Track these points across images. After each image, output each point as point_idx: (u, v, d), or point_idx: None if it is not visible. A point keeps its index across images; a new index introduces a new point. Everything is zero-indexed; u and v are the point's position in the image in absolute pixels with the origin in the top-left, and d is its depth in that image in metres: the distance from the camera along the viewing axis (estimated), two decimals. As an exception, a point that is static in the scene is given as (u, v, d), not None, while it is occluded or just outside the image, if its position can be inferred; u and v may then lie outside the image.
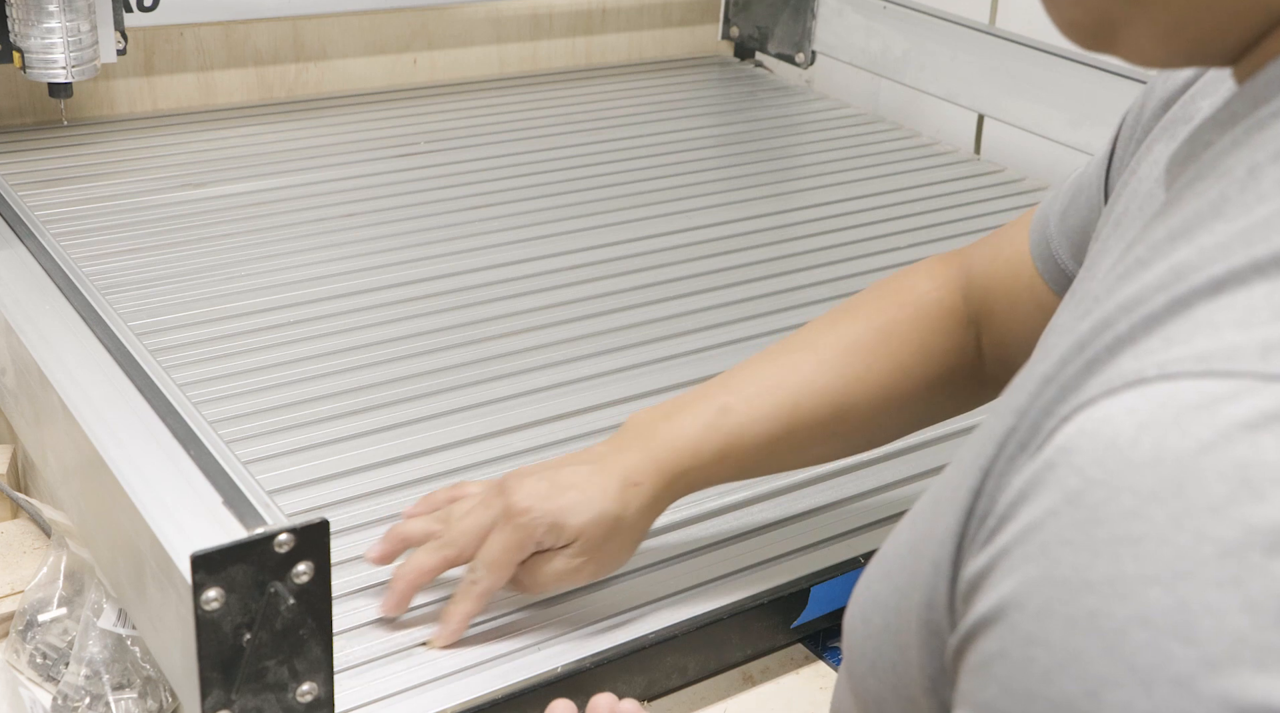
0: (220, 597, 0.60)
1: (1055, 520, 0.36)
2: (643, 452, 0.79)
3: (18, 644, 0.86)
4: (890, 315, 0.83)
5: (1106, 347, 0.39)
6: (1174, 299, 0.38)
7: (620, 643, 0.80)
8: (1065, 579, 0.36)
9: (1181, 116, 0.62)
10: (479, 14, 1.74)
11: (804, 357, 0.82)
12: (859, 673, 0.51)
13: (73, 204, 1.32)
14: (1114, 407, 0.37)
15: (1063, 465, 0.37)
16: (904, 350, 0.82)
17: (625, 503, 0.77)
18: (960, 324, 0.84)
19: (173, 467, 0.73)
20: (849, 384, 0.81)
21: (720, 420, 0.80)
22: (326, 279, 1.22)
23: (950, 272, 0.85)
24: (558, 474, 0.78)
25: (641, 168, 1.52)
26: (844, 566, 0.88)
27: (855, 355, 0.82)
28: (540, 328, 1.16)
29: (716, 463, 0.80)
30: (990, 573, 0.39)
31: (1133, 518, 0.35)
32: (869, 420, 0.83)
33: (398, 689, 0.76)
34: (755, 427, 0.80)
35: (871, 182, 1.53)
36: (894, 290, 0.86)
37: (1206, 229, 0.40)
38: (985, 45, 1.57)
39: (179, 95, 1.57)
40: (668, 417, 0.81)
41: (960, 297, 0.84)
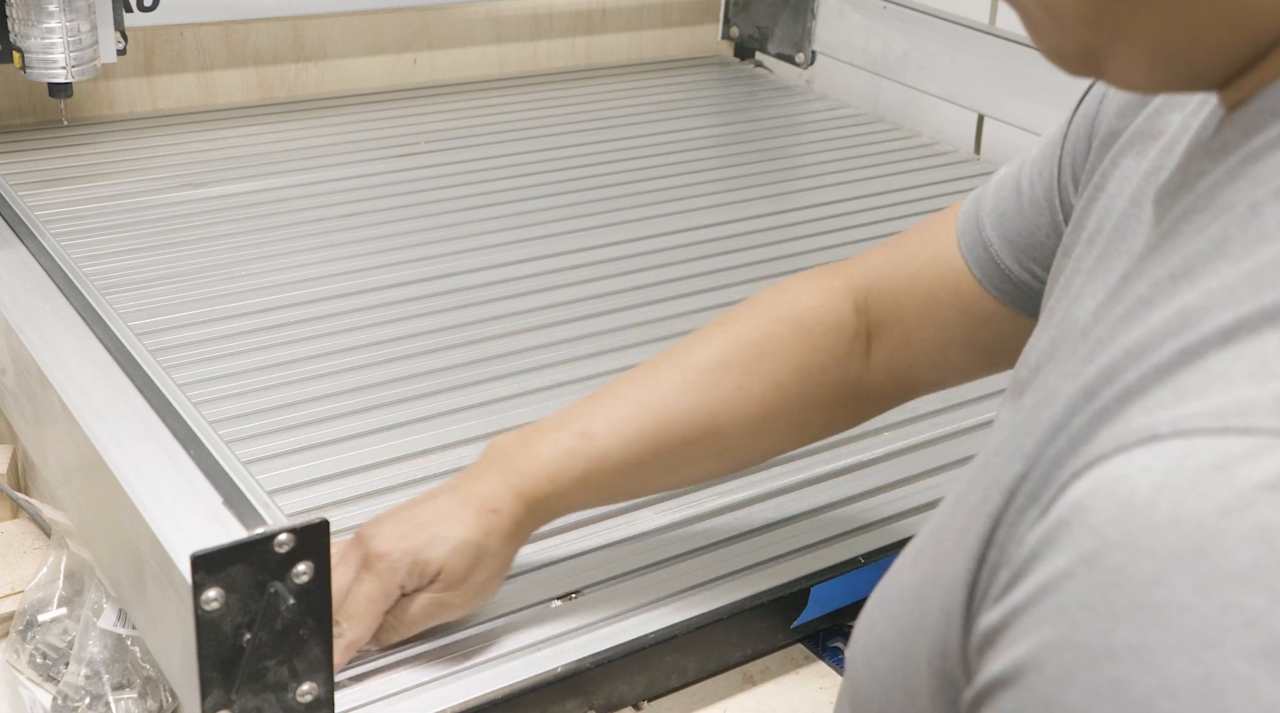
0: (220, 597, 0.60)
1: (1071, 582, 0.36)
2: (500, 479, 0.77)
3: (18, 644, 0.86)
4: (766, 331, 0.81)
5: (1116, 397, 0.38)
6: (1184, 349, 0.37)
7: (620, 643, 0.80)
8: (1086, 645, 0.35)
9: (1148, 130, 0.60)
10: (479, 14, 1.74)
11: (671, 377, 0.80)
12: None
13: (73, 204, 1.32)
14: (1128, 464, 0.36)
15: (1077, 525, 0.36)
16: (780, 367, 0.80)
17: (486, 531, 0.76)
18: (845, 338, 0.81)
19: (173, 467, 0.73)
20: (718, 405, 0.79)
21: (580, 446, 0.78)
22: (326, 279, 1.22)
23: (836, 282, 0.82)
24: (413, 513, 0.77)
25: (641, 168, 1.52)
26: (844, 566, 0.87)
27: (726, 374, 0.79)
28: (540, 328, 1.16)
29: (578, 489, 0.78)
30: (1005, 630, 0.38)
31: (1154, 584, 0.34)
32: (742, 441, 0.81)
33: (398, 689, 0.76)
34: (618, 451, 0.78)
35: (871, 182, 1.53)
36: (772, 304, 0.83)
37: (1210, 270, 0.39)
38: (985, 45, 1.57)
39: (179, 95, 1.57)
40: (526, 444, 0.79)
41: (849, 308, 0.81)
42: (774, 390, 0.80)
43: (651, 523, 0.91)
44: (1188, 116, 0.57)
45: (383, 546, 0.75)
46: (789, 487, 0.96)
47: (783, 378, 0.80)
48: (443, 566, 0.75)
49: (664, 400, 0.79)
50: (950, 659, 0.43)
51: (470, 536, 0.75)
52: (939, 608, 0.44)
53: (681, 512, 0.92)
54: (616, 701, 0.80)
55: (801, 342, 0.80)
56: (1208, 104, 0.53)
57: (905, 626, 0.47)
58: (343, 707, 0.73)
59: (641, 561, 0.87)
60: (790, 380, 0.80)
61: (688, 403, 0.79)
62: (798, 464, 0.97)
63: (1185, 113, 0.57)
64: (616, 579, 0.86)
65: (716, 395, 0.79)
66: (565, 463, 0.78)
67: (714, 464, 0.83)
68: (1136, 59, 0.43)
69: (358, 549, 0.76)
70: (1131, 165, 0.60)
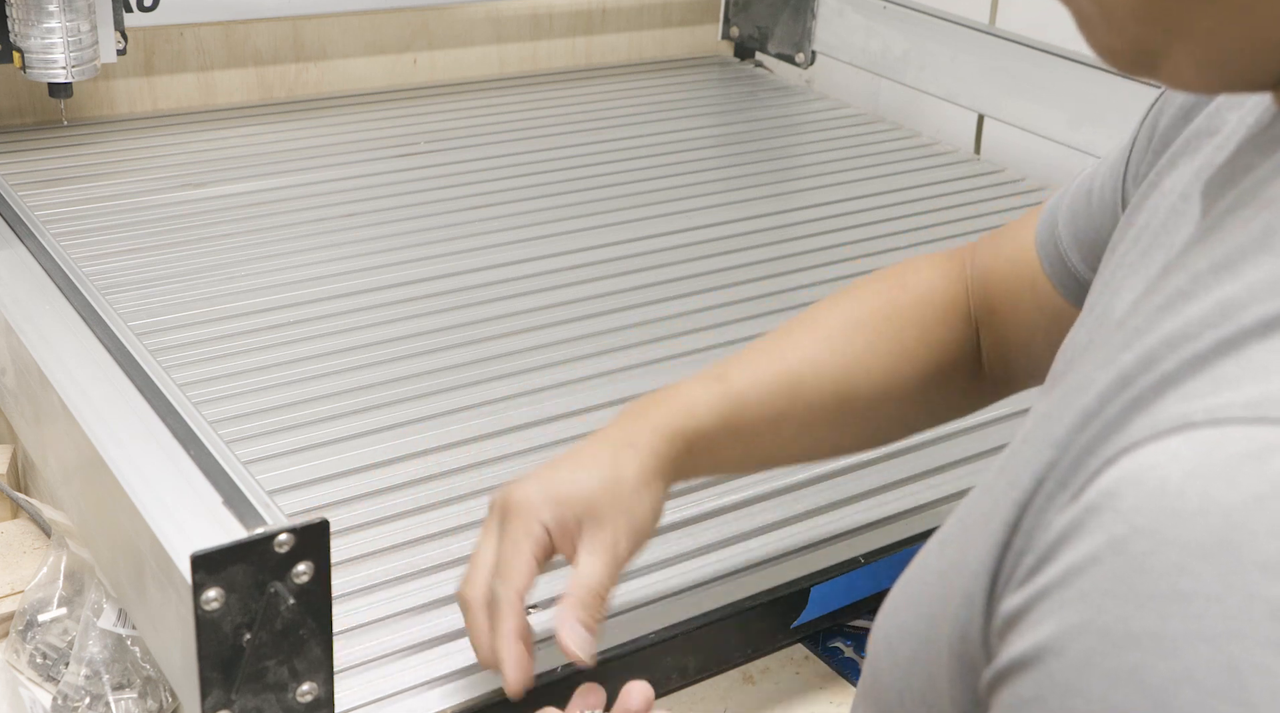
0: (220, 597, 0.60)
1: (1098, 567, 0.36)
2: (638, 419, 0.75)
3: (18, 644, 0.86)
4: (894, 299, 0.82)
5: (1152, 386, 0.38)
6: (1223, 339, 0.37)
7: (620, 643, 0.80)
8: (1108, 630, 0.35)
9: (1205, 129, 0.60)
10: (479, 14, 1.73)
11: (805, 334, 0.80)
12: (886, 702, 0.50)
13: (73, 204, 1.32)
14: (1161, 452, 0.36)
15: (1107, 510, 0.36)
16: (907, 334, 0.80)
17: (620, 465, 0.72)
18: (962, 318, 0.82)
19: (173, 467, 0.73)
20: (851, 363, 0.79)
21: (717, 387, 0.77)
22: (326, 279, 1.22)
23: (954, 265, 0.84)
24: (548, 464, 0.74)
25: (641, 168, 1.52)
26: (844, 566, 0.88)
27: (858, 334, 0.80)
28: (540, 328, 1.16)
29: (720, 430, 0.76)
30: (1028, 612, 0.38)
31: (1180, 573, 0.34)
32: (873, 406, 0.80)
33: (398, 689, 0.76)
34: (756, 396, 0.77)
35: (871, 182, 1.53)
36: (898, 276, 0.84)
37: (1252, 263, 0.39)
38: (985, 45, 1.57)
39: (179, 95, 1.57)
40: (662, 390, 0.77)
41: (963, 291, 0.83)
42: (902, 356, 0.80)
43: (651, 523, 0.91)
44: (1244, 114, 0.56)
45: (519, 494, 0.71)
46: (789, 487, 0.96)
47: (909, 344, 0.80)
48: (586, 507, 0.70)
49: (800, 354, 0.79)
50: (971, 643, 0.43)
51: (604, 473, 0.71)
52: (961, 593, 0.44)
53: (681, 512, 0.92)
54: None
55: (925, 313, 0.81)
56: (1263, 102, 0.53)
57: (928, 611, 0.47)
58: (343, 707, 0.73)
59: (641, 560, 0.87)
60: (916, 348, 0.80)
61: (822, 359, 0.78)
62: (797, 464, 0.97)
63: (1243, 111, 0.57)
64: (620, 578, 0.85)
65: (849, 352, 0.79)
66: (705, 399, 0.76)
67: (847, 430, 0.81)
68: (1191, 58, 0.42)
69: (496, 514, 0.72)
70: (1186, 164, 0.60)
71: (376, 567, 0.85)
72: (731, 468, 0.81)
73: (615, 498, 0.71)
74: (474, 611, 0.70)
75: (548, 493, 0.71)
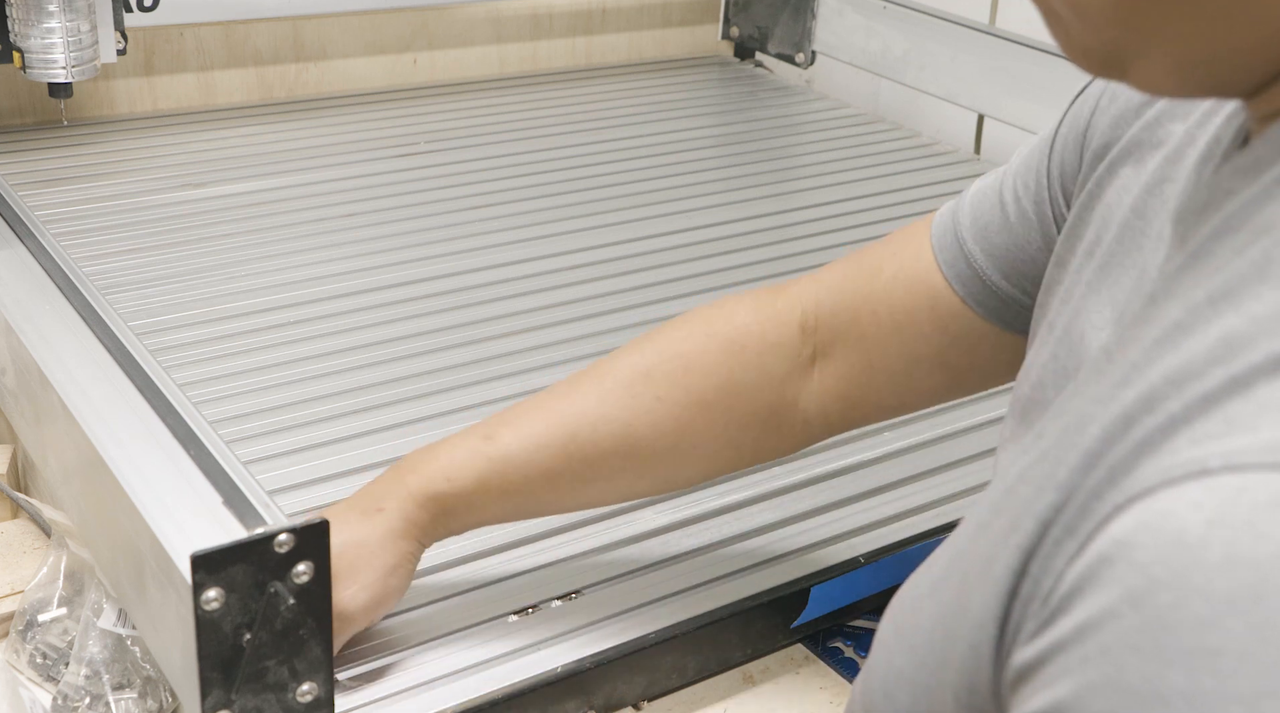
0: (220, 597, 0.60)
1: (1117, 623, 0.34)
2: (393, 480, 0.76)
3: (18, 644, 0.86)
4: (694, 345, 0.78)
5: (1160, 427, 0.37)
6: (1231, 378, 0.36)
7: (620, 643, 0.80)
8: (1133, 689, 0.33)
9: (1148, 139, 0.59)
10: (479, 14, 1.74)
11: (587, 387, 0.78)
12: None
13: (73, 204, 1.32)
14: (1176, 500, 0.34)
15: (1121, 561, 0.35)
16: (705, 384, 0.77)
17: (364, 528, 0.74)
18: (784, 359, 0.77)
19: (173, 467, 0.72)
20: (634, 416, 0.76)
21: (481, 447, 0.76)
22: (326, 279, 1.22)
23: (780, 302, 0.79)
24: None
25: (641, 168, 1.52)
26: (844, 566, 0.87)
27: (645, 385, 0.77)
28: (540, 328, 1.16)
29: (479, 490, 0.76)
30: (1043, 668, 0.37)
31: (1208, 628, 0.32)
32: (663, 457, 0.78)
33: (398, 689, 0.76)
34: (523, 455, 0.76)
35: (871, 182, 1.53)
36: (704, 319, 0.80)
37: (1252, 295, 0.38)
38: (985, 45, 1.57)
39: (179, 95, 1.57)
40: (426, 450, 0.78)
41: (792, 329, 0.78)
42: (697, 406, 0.77)
43: (651, 523, 0.91)
44: (1191, 127, 0.55)
45: None
46: (789, 487, 0.96)
47: (707, 394, 0.77)
48: None
49: (576, 408, 0.77)
50: (980, 695, 0.42)
51: (347, 536, 0.73)
52: (966, 643, 0.43)
53: (681, 512, 0.92)
54: (616, 701, 0.80)
55: (731, 359, 0.77)
56: (1216, 115, 0.52)
57: (927, 659, 0.46)
58: (342, 707, 0.73)
59: (641, 561, 0.87)
60: (715, 397, 0.77)
61: (602, 411, 0.76)
62: (798, 464, 0.97)
63: (1189, 123, 0.56)
64: (616, 579, 0.86)
65: (633, 406, 0.76)
66: (464, 462, 0.76)
67: (635, 480, 0.79)
68: (1165, 62, 0.42)
69: None
70: (1130, 174, 0.59)
71: None
72: (503, 520, 0.81)
73: (353, 563, 0.74)
74: None
75: None
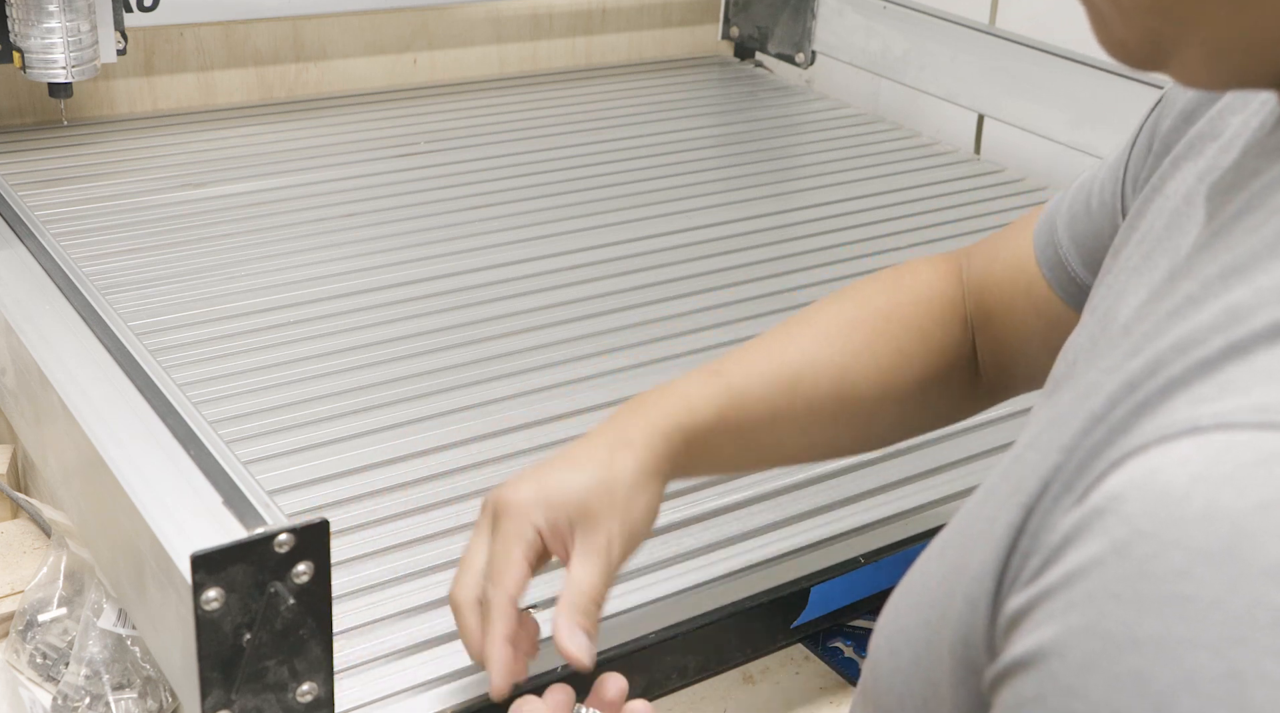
0: (220, 597, 0.60)
1: (1102, 570, 0.36)
2: (633, 415, 0.74)
3: (18, 644, 0.86)
4: (893, 299, 0.81)
5: (1159, 389, 0.38)
6: (1231, 344, 0.37)
7: (620, 643, 0.80)
8: (1110, 633, 0.35)
9: (1209, 132, 0.60)
10: (479, 14, 1.73)
11: (803, 331, 0.79)
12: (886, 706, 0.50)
13: (73, 204, 1.32)
14: (1167, 456, 0.36)
15: (1111, 513, 0.36)
16: (905, 335, 0.80)
17: (615, 465, 0.70)
18: (960, 321, 0.82)
19: (173, 467, 0.73)
20: (849, 361, 0.78)
21: (716, 381, 0.76)
22: (326, 279, 1.22)
23: (951, 268, 0.83)
24: (544, 463, 0.72)
25: (641, 168, 1.52)
26: (844, 566, 0.88)
27: (856, 332, 0.79)
28: (540, 328, 1.16)
29: (718, 425, 0.74)
30: (1031, 613, 0.38)
31: (1183, 577, 0.34)
32: (869, 406, 0.79)
33: (398, 689, 0.76)
34: (754, 392, 0.76)
35: (871, 182, 1.53)
36: (896, 277, 0.83)
37: (1262, 269, 0.39)
38: (985, 45, 1.57)
39: (179, 95, 1.57)
40: (659, 388, 0.76)
41: (960, 294, 0.82)
42: (900, 355, 0.79)
43: (651, 523, 0.91)
44: (1248, 117, 0.56)
45: (511, 495, 0.70)
46: (789, 487, 0.96)
47: (907, 345, 0.79)
48: (579, 509, 0.69)
49: (798, 351, 0.78)
50: (974, 647, 0.43)
51: (600, 473, 0.70)
52: (964, 597, 0.44)
53: (682, 512, 0.92)
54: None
55: (923, 315, 0.80)
56: (1268, 105, 0.53)
57: (930, 616, 0.47)
58: (343, 707, 0.73)
59: (642, 561, 0.87)
60: (915, 349, 0.80)
61: (821, 356, 0.78)
62: (798, 464, 0.97)
63: (1246, 114, 0.57)
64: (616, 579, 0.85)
65: (847, 350, 0.78)
66: (703, 395, 0.74)
67: (845, 430, 0.80)
68: (1200, 52, 0.42)
69: (487, 515, 0.71)
70: (1189, 168, 0.60)
71: (376, 567, 0.85)
72: (728, 466, 0.80)
73: (609, 500, 0.70)
74: (465, 612, 0.70)
75: (540, 495, 0.69)
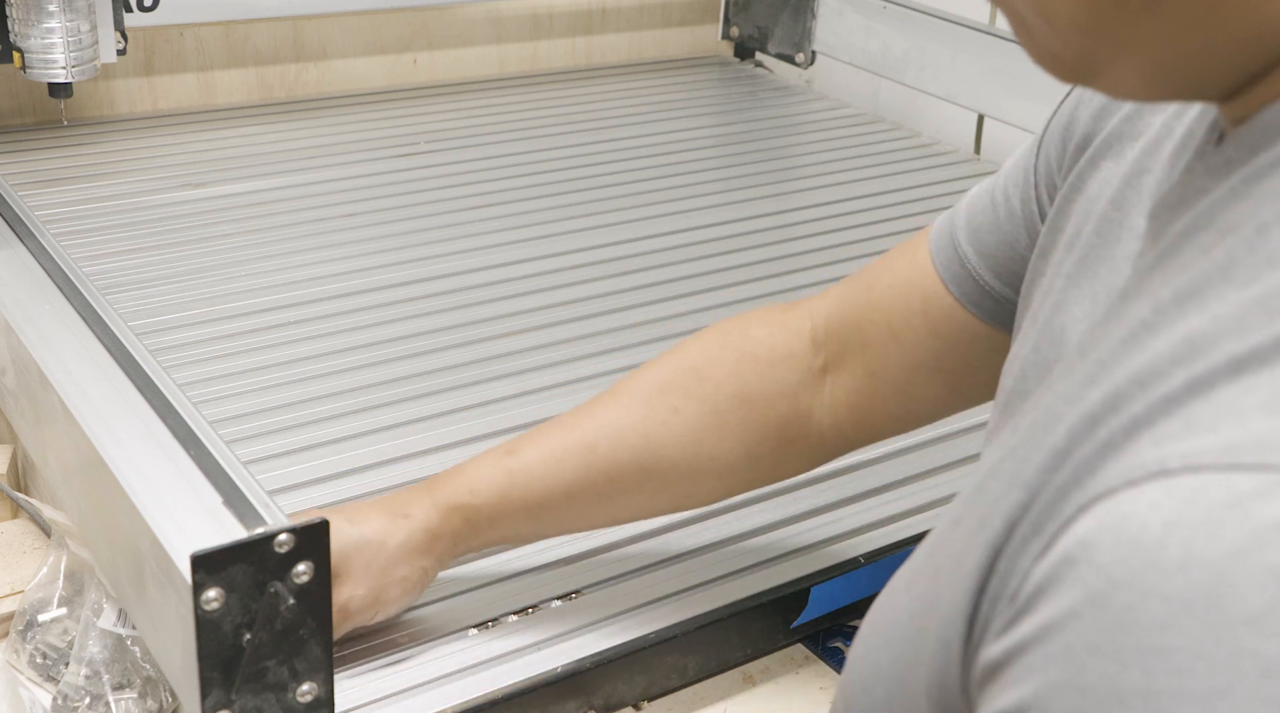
0: (220, 597, 0.60)
1: (1078, 623, 0.35)
2: (421, 491, 0.78)
3: (18, 644, 0.86)
4: (708, 356, 0.79)
5: (1123, 428, 0.37)
6: (1193, 379, 0.36)
7: (620, 643, 0.80)
8: (1092, 688, 0.34)
9: (1128, 132, 0.59)
10: (479, 14, 1.74)
11: (605, 402, 0.79)
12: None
13: (73, 204, 1.32)
14: (1137, 501, 0.35)
15: (1083, 562, 0.35)
16: (719, 394, 0.77)
17: (386, 533, 0.75)
18: (796, 371, 0.78)
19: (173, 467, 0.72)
20: (652, 428, 0.77)
21: (504, 461, 0.77)
22: (326, 279, 1.22)
23: (793, 316, 0.80)
24: (341, 506, 0.77)
25: (641, 168, 1.52)
26: (844, 566, 0.88)
27: (661, 397, 0.78)
28: (540, 328, 1.16)
29: (502, 504, 0.77)
30: (1009, 667, 0.37)
31: (1164, 628, 0.33)
32: (681, 471, 0.78)
33: (398, 689, 0.76)
34: (545, 468, 0.77)
35: (871, 182, 1.53)
36: (720, 332, 0.81)
37: (1217, 295, 0.38)
38: (985, 45, 1.57)
39: (179, 95, 1.57)
40: (456, 467, 0.80)
41: (804, 342, 0.79)
42: (711, 415, 0.77)
43: (652, 523, 0.91)
44: (1169, 118, 0.56)
45: None
46: (789, 487, 0.95)
47: (722, 404, 0.77)
48: (338, 555, 0.73)
49: (595, 422, 0.78)
50: (950, 692, 0.42)
51: (371, 536, 0.75)
52: (936, 638, 0.43)
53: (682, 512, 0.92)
54: (616, 701, 0.80)
55: (746, 370, 0.78)
56: (1192, 107, 0.52)
57: (902, 653, 0.46)
58: (343, 707, 0.73)
59: (641, 561, 0.87)
60: (730, 408, 0.77)
61: (620, 424, 0.77)
62: (798, 464, 0.97)
63: (1166, 114, 0.56)
64: (616, 579, 0.86)
65: (650, 417, 0.77)
66: (487, 474, 0.78)
67: (654, 495, 0.80)
68: (1135, 69, 0.42)
69: None
70: (1111, 167, 0.59)
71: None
72: (525, 537, 0.82)
73: (366, 562, 0.75)
74: None
75: None
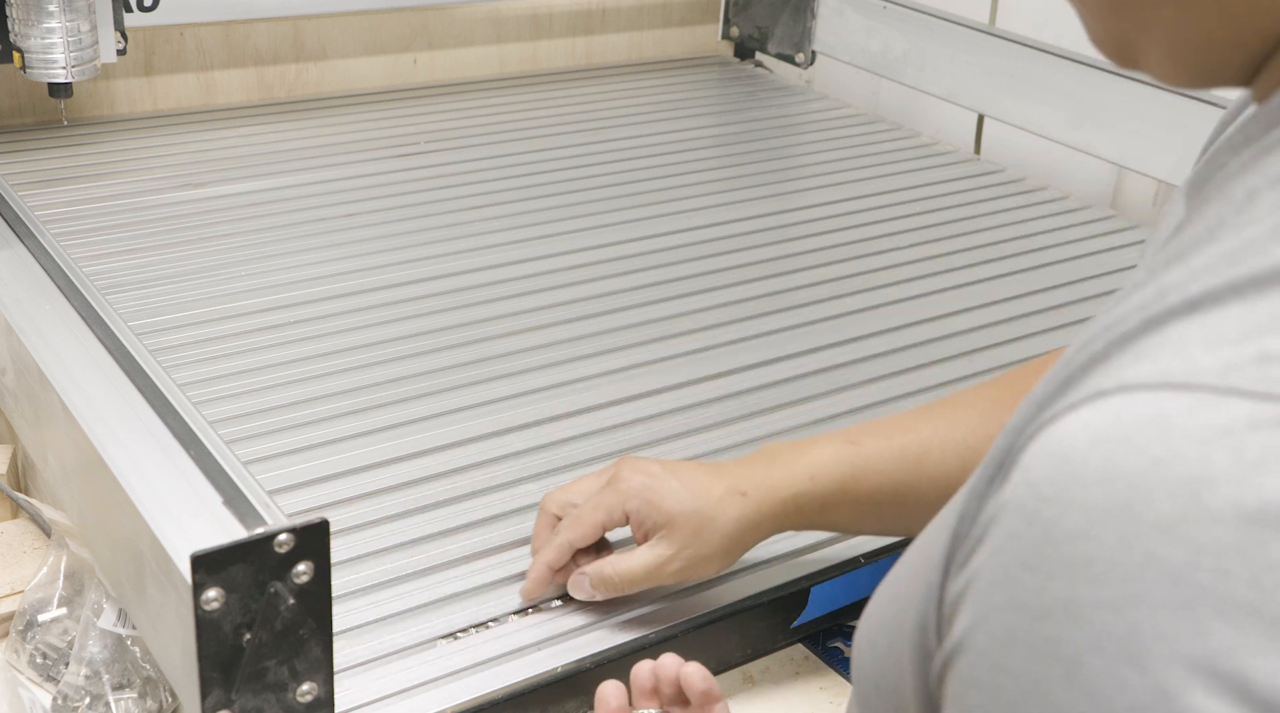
0: (220, 597, 0.60)
1: (1015, 543, 0.36)
2: (761, 468, 0.78)
3: (18, 644, 0.86)
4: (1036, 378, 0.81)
5: (1081, 365, 0.38)
6: (1148, 318, 0.37)
7: (620, 643, 0.80)
8: (1025, 604, 0.35)
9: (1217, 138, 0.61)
10: (479, 14, 1.73)
11: (943, 408, 0.80)
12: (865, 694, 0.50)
13: (73, 204, 1.32)
14: (1071, 422, 0.36)
15: (1022, 484, 0.36)
16: None
17: (723, 508, 0.77)
18: None
19: (173, 467, 0.73)
20: (980, 442, 0.78)
21: (844, 451, 0.78)
22: (326, 279, 1.22)
23: None
24: (673, 465, 0.79)
25: (641, 168, 1.52)
26: (844, 566, 0.87)
27: (994, 412, 0.78)
28: (540, 328, 1.16)
29: (835, 493, 0.78)
30: (964, 598, 0.38)
31: (1083, 538, 0.34)
32: None
33: (398, 689, 0.76)
34: (880, 465, 0.78)
35: (871, 182, 1.52)
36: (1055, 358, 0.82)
37: (1198, 252, 0.39)
38: (985, 45, 1.57)
39: (179, 95, 1.57)
40: (796, 444, 0.80)
41: None
42: None
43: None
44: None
45: (631, 474, 0.78)
46: (789, 487, 0.95)
47: None
48: (669, 521, 0.77)
49: (932, 427, 0.79)
50: (928, 632, 0.44)
51: (704, 507, 0.76)
52: (923, 583, 0.44)
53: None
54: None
55: None
56: None
57: (901, 604, 0.47)
58: (342, 707, 0.73)
59: (641, 560, 0.87)
60: None
61: (954, 433, 0.78)
62: (798, 464, 0.97)
63: None
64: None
65: (980, 431, 0.78)
66: (828, 464, 0.78)
67: None
68: (1161, 51, 0.44)
69: (612, 468, 0.80)
70: None
71: (376, 567, 0.85)
72: (846, 529, 0.82)
73: (694, 530, 0.77)
74: (541, 518, 0.84)
75: (646, 489, 0.78)
